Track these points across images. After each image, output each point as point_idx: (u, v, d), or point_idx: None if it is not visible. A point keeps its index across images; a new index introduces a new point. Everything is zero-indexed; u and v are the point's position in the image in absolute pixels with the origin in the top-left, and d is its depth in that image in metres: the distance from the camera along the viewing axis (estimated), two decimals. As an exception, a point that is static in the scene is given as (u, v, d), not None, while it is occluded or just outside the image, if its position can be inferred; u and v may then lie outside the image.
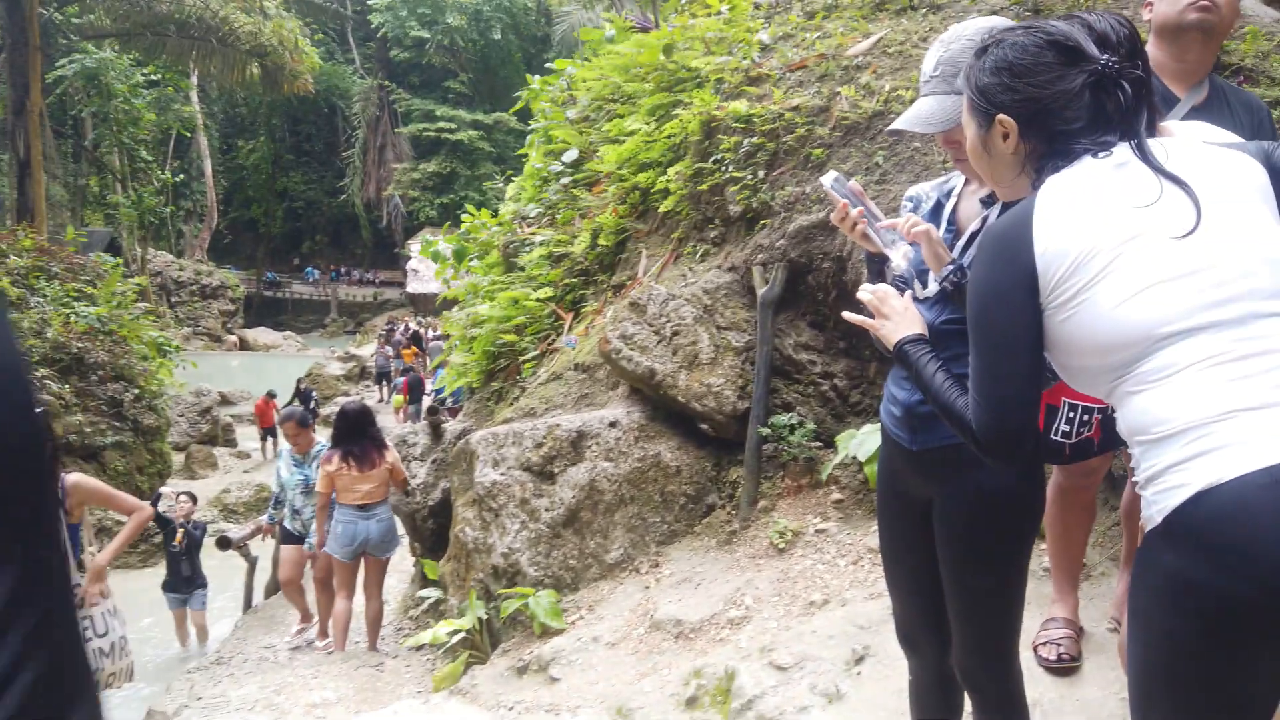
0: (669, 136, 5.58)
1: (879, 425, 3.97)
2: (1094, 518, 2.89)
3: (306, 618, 6.83)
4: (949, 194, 2.07)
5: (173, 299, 36.60)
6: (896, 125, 1.95)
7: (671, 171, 5.44)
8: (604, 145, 6.50)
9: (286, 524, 6.76)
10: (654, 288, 4.90)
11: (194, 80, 36.24)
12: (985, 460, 1.52)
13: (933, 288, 1.94)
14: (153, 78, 31.88)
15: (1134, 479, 1.38)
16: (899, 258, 1.92)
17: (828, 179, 2.01)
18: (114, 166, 32.48)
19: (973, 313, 1.49)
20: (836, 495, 4.11)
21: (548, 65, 8.63)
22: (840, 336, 4.49)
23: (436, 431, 6.77)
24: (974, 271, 1.52)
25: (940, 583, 1.99)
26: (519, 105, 9.07)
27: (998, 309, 1.44)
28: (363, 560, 6.25)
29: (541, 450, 4.86)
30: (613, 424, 4.85)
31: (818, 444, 4.32)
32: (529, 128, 9.08)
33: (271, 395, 18.91)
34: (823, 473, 4.09)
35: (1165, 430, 1.29)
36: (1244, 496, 1.19)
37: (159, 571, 8.26)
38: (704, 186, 5.13)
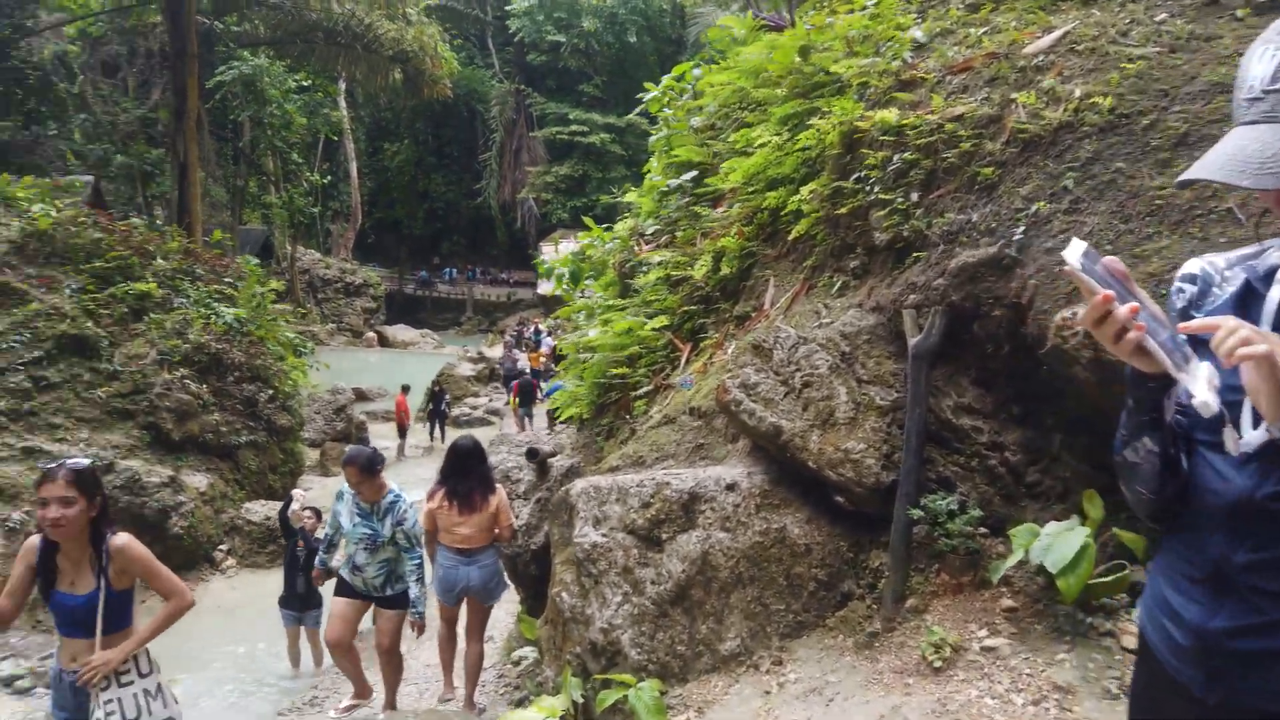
0: (803, 150, 4.86)
1: (1074, 526, 3.15)
2: None
3: (362, 692, 5.97)
4: (1269, 276, 1.29)
5: (319, 296, 38.31)
6: (1197, 173, 1.19)
7: (805, 190, 4.72)
8: (730, 158, 5.82)
9: (344, 574, 5.66)
10: (781, 329, 4.20)
11: (342, 86, 37.69)
12: None
13: (1257, 437, 1.19)
14: (303, 83, 33.32)
15: None
16: (1203, 390, 1.16)
17: (1073, 252, 1.26)
18: (268, 168, 34.13)
19: None
20: (1009, 601, 3.30)
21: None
22: (1013, 399, 3.64)
23: (543, 468, 6.26)
24: None
25: None
26: (641, 107, 8.48)
27: None
28: (466, 602, 5.83)
29: (649, 512, 4.25)
30: (731, 487, 4.18)
31: (984, 532, 3.51)
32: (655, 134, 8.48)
33: (405, 389, 19.31)
34: (993, 574, 3.29)
35: None
36: None
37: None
38: (843, 209, 4.38)
